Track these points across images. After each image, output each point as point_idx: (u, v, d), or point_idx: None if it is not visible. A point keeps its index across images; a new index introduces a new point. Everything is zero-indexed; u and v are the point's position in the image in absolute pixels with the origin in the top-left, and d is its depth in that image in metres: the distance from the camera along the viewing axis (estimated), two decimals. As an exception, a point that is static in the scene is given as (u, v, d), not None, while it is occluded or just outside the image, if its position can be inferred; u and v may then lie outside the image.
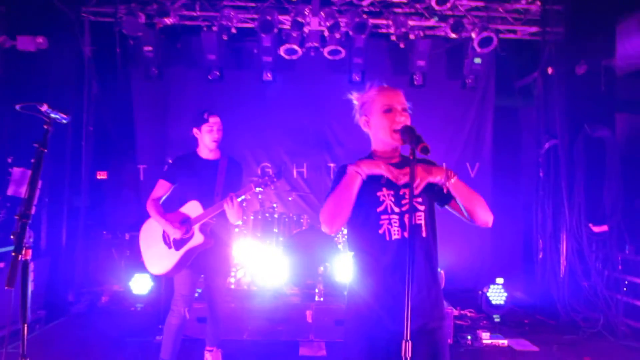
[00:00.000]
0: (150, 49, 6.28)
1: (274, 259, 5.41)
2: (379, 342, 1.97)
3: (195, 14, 6.39)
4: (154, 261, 3.53)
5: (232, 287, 5.27)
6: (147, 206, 3.55)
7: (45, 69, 5.60)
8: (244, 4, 6.44)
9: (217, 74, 6.53)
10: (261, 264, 5.42)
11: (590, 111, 5.85)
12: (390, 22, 6.38)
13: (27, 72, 5.51)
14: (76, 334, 4.89)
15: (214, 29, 6.26)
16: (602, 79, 5.87)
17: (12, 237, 1.99)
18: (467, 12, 6.43)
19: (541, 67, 6.34)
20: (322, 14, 6.20)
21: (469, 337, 4.76)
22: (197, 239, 3.43)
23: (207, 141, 3.56)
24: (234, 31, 6.38)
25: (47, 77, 5.60)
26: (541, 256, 6.23)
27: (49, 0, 5.60)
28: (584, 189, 5.71)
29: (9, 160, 5.06)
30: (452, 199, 2.08)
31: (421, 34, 6.45)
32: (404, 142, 1.98)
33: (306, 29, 6.30)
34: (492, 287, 5.56)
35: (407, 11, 6.45)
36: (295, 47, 6.34)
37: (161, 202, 3.62)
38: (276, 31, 6.24)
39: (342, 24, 6.21)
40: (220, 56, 6.40)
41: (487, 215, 2.05)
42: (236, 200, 3.36)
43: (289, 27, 6.26)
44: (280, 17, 6.29)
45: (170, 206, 3.60)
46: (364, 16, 6.16)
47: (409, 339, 1.64)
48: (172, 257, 3.45)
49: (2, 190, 4.97)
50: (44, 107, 2.18)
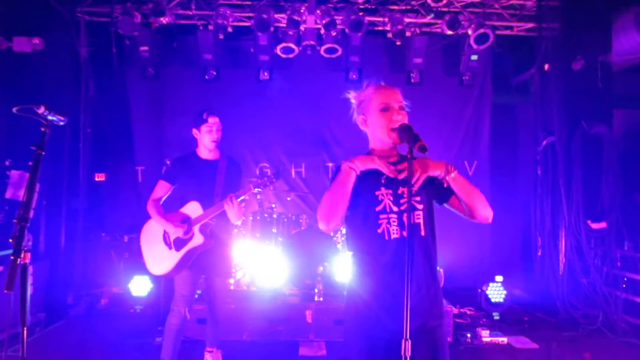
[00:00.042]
0: (146, 48, 6.26)
1: (273, 260, 5.39)
2: (378, 341, 1.97)
3: (191, 13, 6.38)
4: (155, 262, 3.55)
5: (232, 288, 5.26)
6: (148, 207, 3.56)
7: (41, 69, 5.60)
8: (239, 2, 6.42)
9: (214, 73, 6.52)
10: (260, 264, 5.41)
11: (587, 107, 5.85)
12: (386, 20, 6.37)
13: (23, 73, 5.50)
14: (76, 337, 4.88)
15: (210, 28, 6.24)
16: (599, 74, 5.86)
17: (10, 240, 1.99)
18: (463, 9, 6.43)
19: (538, 63, 6.33)
20: (318, 11, 6.19)
21: (469, 335, 4.77)
22: (197, 239, 3.43)
23: (206, 141, 3.56)
24: (230, 30, 6.37)
25: (44, 78, 5.60)
26: (540, 253, 6.23)
27: (45, 0, 5.59)
28: (582, 185, 5.71)
29: (7, 163, 5.05)
30: (452, 195, 2.09)
31: (417, 31, 6.44)
32: (402, 141, 1.97)
33: (302, 27, 6.29)
34: (491, 285, 5.56)
35: (403, 8, 6.45)
36: (291, 45, 6.33)
37: (161, 202, 3.63)
38: (272, 30, 6.23)
39: (338, 22, 6.21)
40: (216, 55, 6.39)
41: (487, 210, 2.05)
42: (236, 200, 3.36)
43: (285, 25, 6.24)
44: (276, 16, 6.28)
45: (170, 207, 3.60)
46: (360, 14, 6.16)
47: (408, 337, 1.64)
48: (173, 257, 3.46)
49: (0, 193, 4.96)
50: (41, 110, 2.17)
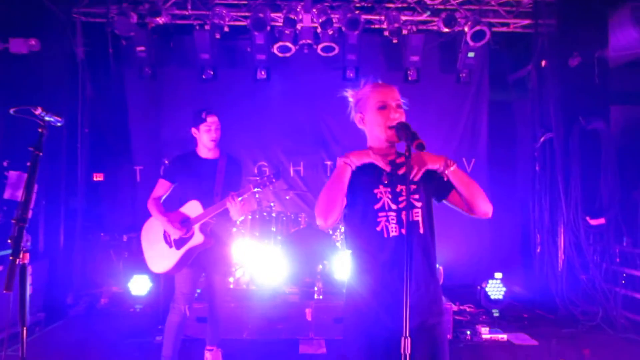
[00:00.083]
0: (143, 49, 6.24)
1: (272, 258, 5.40)
2: (378, 339, 1.97)
3: (187, 13, 6.36)
4: (156, 260, 3.57)
5: (231, 286, 5.26)
6: (148, 205, 3.58)
7: (38, 71, 5.58)
8: (235, 2, 6.41)
9: (211, 73, 6.50)
10: (260, 263, 5.41)
11: (584, 103, 5.85)
12: (382, 18, 6.36)
13: (20, 74, 5.48)
14: (75, 336, 4.88)
15: (207, 27, 6.23)
16: (596, 70, 5.87)
17: (9, 241, 1.99)
18: (459, 6, 6.42)
19: (534, 60, 6.33)
20: (314, 10, 6.18)
21: (468, 332, 4.78)
22: (197, 238, 3.45)
23: (205, 141, 3.57)
24: (226, 29, 6.35)
25: (41, 79, 5.58)
26: (539, 250, 6.24)
27: (40, 1, 5.57)
28: (581, 181, 5.72)
29: (5, 163, 5.05)
30: (451, 190, 2.08)
31: (414, 28, 6.44)
32: (399, 139, 1.97)
33: (299, 26, 6.29)
34: (490, 282, 5.56)
35: (399, 6, 6.44)
36: (288, 44, 6.33)
37: (161, 201, 3.64)
38: (269, 29, 6.22)
39: (334, 20, 6.18)
40: (213, 55, 6.38)
41: (486, 205, 2.04)
42: (237, 199, 3.38)
43: (281, 24, 6.23)
44: (272, 15, 6.28)
45: (170, 205, 3.62)
46: (357, 12, 6.15)
47: (408, 335, 1.64)
48: (173, 256, 3.48)
49: (-2, 194, 4.96)
50: (38, 111, 2.18)
